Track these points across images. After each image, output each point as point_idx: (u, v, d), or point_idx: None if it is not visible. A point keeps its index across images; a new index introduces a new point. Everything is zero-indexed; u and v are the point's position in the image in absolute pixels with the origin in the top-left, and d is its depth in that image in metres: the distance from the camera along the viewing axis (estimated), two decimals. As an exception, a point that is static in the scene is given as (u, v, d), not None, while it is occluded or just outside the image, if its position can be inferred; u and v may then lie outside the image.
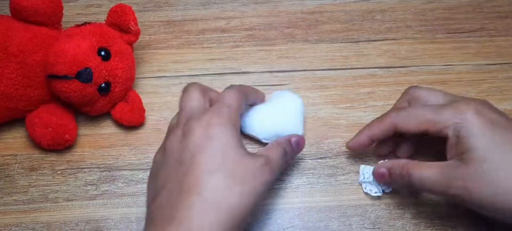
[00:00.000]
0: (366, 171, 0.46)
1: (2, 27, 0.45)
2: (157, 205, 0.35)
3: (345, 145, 0.47)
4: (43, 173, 0.47)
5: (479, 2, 0.58)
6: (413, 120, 0.41)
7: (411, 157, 0.45)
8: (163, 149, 0.38)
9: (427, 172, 0.39)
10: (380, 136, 0.43)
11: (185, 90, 0.41)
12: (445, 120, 0.39)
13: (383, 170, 0.43)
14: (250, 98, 0.45)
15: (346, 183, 0.47)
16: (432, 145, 0.44)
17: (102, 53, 0.46)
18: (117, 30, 0.49)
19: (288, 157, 0.41)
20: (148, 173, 0.47)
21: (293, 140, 0.42)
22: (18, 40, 0.45)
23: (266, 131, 0.46)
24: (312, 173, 0.47)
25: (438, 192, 0.39)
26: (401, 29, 0.56)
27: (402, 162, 0.41)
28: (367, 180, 0.45)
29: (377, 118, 0.44)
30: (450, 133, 0.39)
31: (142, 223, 0.44)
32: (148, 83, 0.53)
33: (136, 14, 0.49)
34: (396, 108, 0.44)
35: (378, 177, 0.44)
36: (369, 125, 0.44)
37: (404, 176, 0.40)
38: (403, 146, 0.46)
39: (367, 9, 0.57)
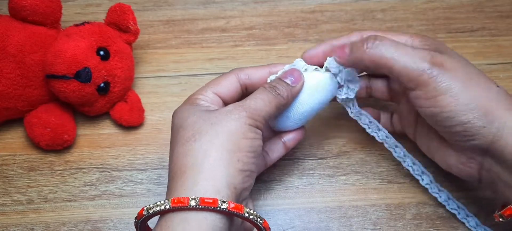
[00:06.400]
0: (331, 61, 0.41)
1: (0, 27, 0.45)
2: None
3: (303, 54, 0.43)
4: (42, 173, 0.47)
5: (480, 1, 0.58)
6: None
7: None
8: None
9: (402, 51, 0.36)
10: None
11: None
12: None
13: (344, 42, 0.40)
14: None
15: (346, 184, 0.46)
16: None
17: (101, 53, 0.46)
18: (116, 30, 0.49)
19: (280, 91, 0.39)
20: (147, 173, 0.47)
21: (286, 75, 0.40)
22: (17, 39, 0.45)
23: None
24: (312, 173, 0.47)
25: (408, 78, 0.36)
26: (402, 28, 0.56)
27: (369, 33, 0.38)
28: (335, 71, 0.41)
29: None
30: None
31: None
32: (147, 83, 0.52)
33: (135, 14, 0.49)
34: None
35: (339, 52, 0.39)
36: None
37: (367, 51, 0.37)
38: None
39: (368, 9, 0.57)
